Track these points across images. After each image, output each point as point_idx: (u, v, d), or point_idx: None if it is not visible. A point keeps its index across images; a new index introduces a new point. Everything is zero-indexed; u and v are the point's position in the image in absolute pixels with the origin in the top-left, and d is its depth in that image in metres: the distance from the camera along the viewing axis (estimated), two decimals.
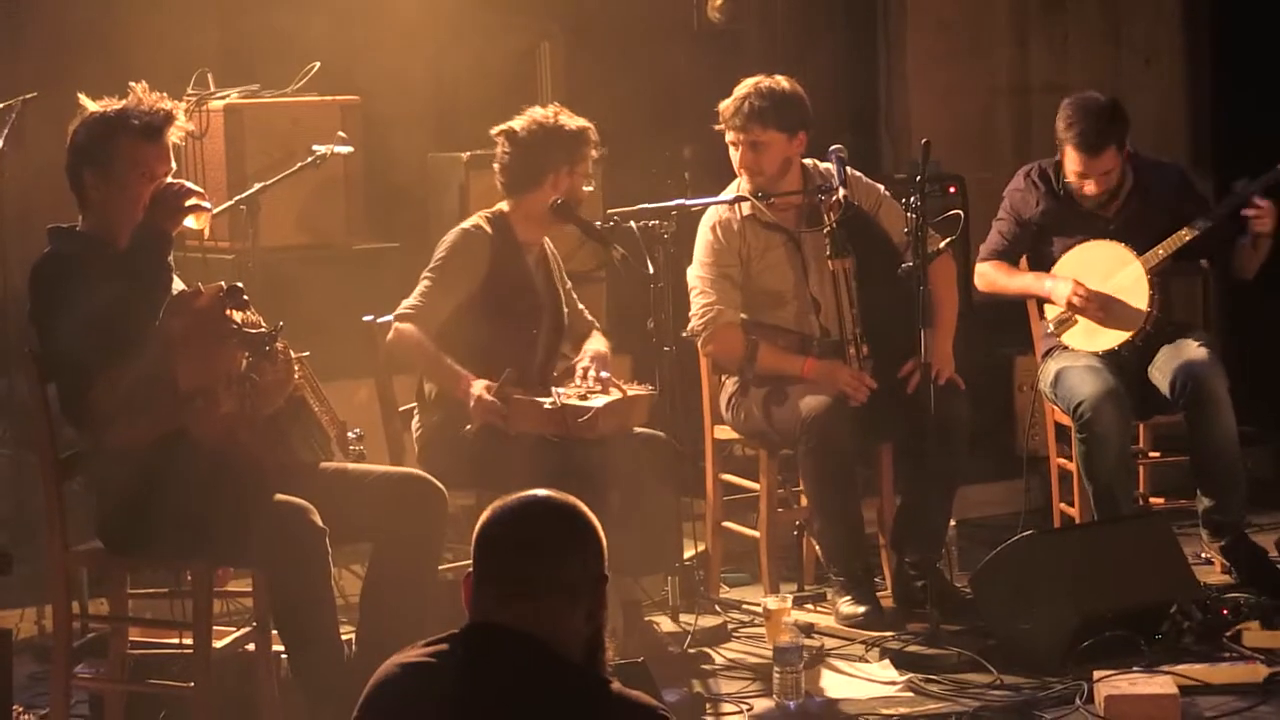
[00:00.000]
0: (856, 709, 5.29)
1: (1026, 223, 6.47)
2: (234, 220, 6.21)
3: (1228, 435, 6.15)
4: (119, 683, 5.02)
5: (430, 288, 5.70)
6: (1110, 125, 6.28)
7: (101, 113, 4.89)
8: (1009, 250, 6.51)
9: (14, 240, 6.36)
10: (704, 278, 6.17)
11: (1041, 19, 8.74)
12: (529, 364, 5.77)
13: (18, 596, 6.11)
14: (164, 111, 4.90)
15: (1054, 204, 6.42)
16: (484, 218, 5.84)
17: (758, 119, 6.06)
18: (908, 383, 5.99)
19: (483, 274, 5.73)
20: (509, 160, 5.83)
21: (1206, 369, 6.13)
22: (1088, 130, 6.24)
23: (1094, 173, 6.28)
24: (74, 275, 4.78)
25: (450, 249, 5.77)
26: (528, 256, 5.85)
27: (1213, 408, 6.12)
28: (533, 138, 5.80)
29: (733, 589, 6.54)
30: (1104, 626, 5.47)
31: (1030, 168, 6.51)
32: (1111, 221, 6.35)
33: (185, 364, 4.62)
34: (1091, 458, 6.15)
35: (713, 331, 6.14)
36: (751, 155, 6.10)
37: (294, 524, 4.72)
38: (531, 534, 2.94)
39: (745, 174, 6.14)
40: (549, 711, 2.86)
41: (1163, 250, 6.26)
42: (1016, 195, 6.50)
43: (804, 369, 6.06)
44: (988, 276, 6.53)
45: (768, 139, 6.08)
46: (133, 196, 4.86)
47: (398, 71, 7.16)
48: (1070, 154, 6.30)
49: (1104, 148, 6.26)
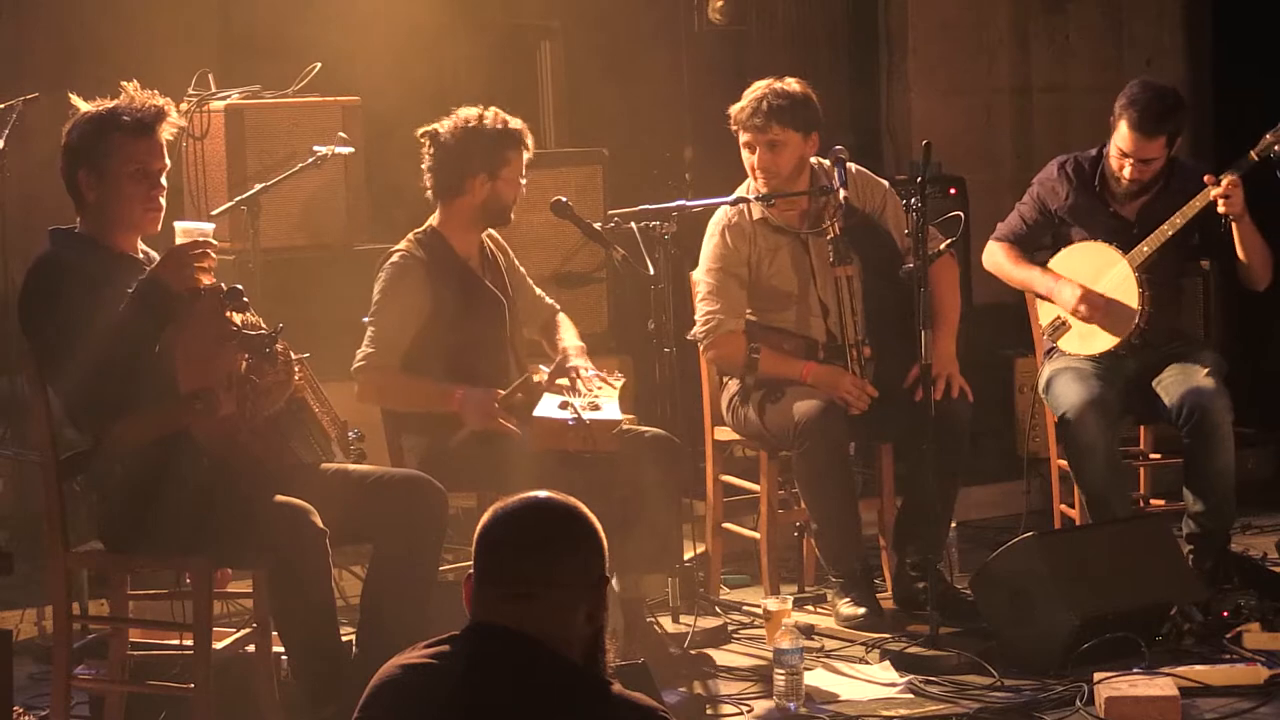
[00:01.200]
0: (857, 710, 5.29)
1: (1051, 214, 6.42)
2: (235, 221, 6.21)
3: (1226, 467, 6.11)
4: (119, 684, 5.01)
5: (376, 333, 5.65)
6: (1172, 112, 6.21)
7: (93, 112, 4.87)
8: (1026, 237, 6.47)
9: (16, 240, 6.36)
10: (709, 283, 6.17)
11: (1043, 20, 8.75)
12: (504, 363, 5.76)
13: (18, 597, 6.11)
14: (155, 108, 4.88)
15: (1082, 199, 6.36)
16: (413, 240, 5.74)
17: (775, 119, 6.06)
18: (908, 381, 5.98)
19: (426, 299, 5.66)
20: (433, 164, 5.75)
21: (1213, 400, 6.06)
22: (1149, 110, 6.16)
23: (1139, 156, 6.20)
24: (64, 280, 4.76)
25: (383, 290, 5.69)
26: (470, 263, 5.79)
27: (1215, 440, 6.08)
28: (454, 140, 5.70)
29: (733, 590, 6.54)
30: (1104, 628, 5.46)
31: (1065, 159, 6.44)
32: (1135, 224, 6.31)
33: (185, 366, 4.62)
34: (1079, 467, 6.15)
35: (714, 340, 6.15)
36: (769, 156, 6.09)
37: (295, 525, 4.71)
38: (532, 535, 2.94)
39: (761, 175, 6.12)
40: (550, 712, 2.85)
41: (1147, 247, 6.24)
42: (1047, 185, 6.44)
43: (804, 373, 6.06)
44: (995, 258, 6.50)
45: (785, 139, 6.07)
46: (128, 194, 4.85)
47: (398, 72, 7.16)
48: (1123, 130, 6.20)
49: (1159, 133, 6.18)
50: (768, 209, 6.13)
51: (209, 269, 4.76)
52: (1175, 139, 6.27)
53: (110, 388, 4.69)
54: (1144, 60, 8.84)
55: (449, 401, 5.58)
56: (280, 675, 5.00)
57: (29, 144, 6.29)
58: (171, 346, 4.64)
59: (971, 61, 8.65)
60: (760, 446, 6.27)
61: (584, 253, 6.95)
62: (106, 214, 4.87)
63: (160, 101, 4.91)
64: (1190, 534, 6.15)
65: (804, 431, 5.92)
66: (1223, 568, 6.13)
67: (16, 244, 6.31)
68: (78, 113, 4.90)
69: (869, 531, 6.32)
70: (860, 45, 8.66)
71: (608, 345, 6.96)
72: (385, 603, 4.96)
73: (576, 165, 7.13)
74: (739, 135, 6.14)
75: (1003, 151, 8.64)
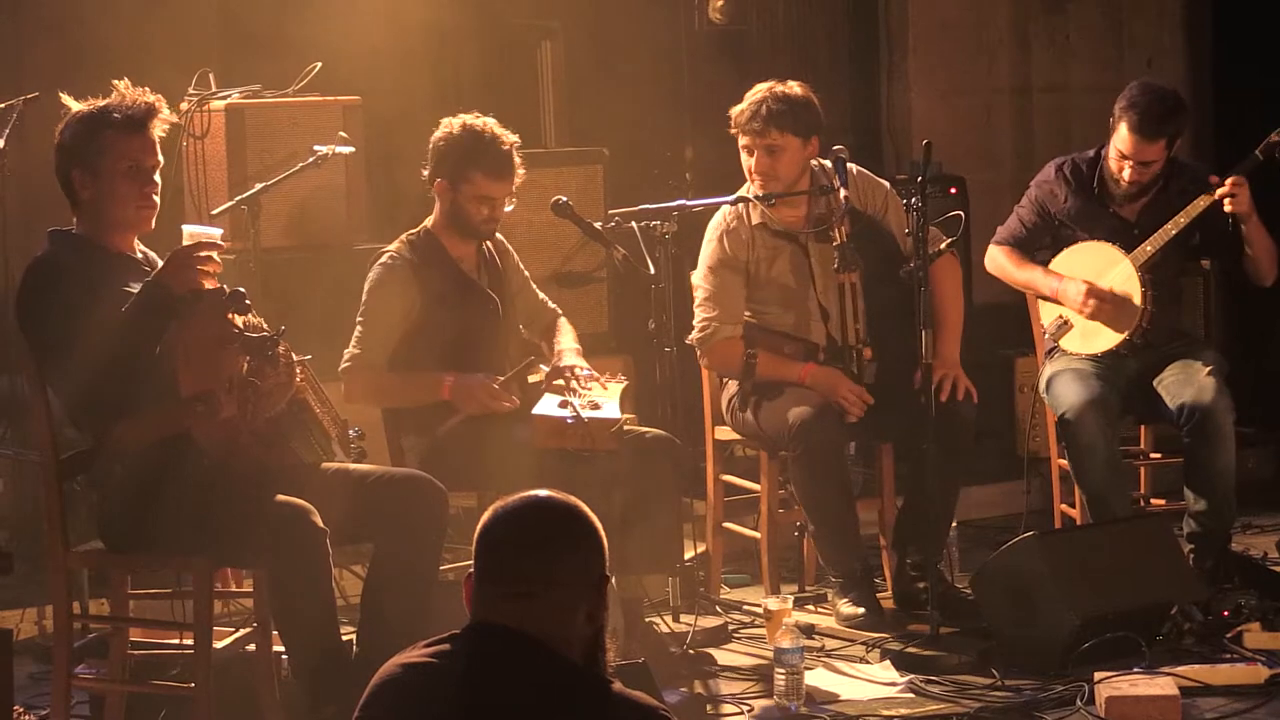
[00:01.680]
0: (857, 710, 5.29)
1: (1050, 216, 6.41)
2: (235, 220, 6.20)
3: (1227, 467, 6.11)
4: (119, 683, 5.01)
5: (364, 333, 5.67)
6: (1172, 115, 6.20)
7: (84, 111, 4.87)
8: (1026, 240, 6.46)
9: (16, 239, 6.36)
10: (706, 288, 6.16)
11: (1043, 20, 8.74)
12: (498, 363, 5.76)
13: (18, 596, 6.11)
14: (146, 104, 4.88)
15: (1081, 201, 6.35)
16: (404, 241, 5.76)
17: (775, 123, 6.03)
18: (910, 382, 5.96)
19: (414, 300, 5.68)
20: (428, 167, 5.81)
21: (1214, 400, 6.06)
22: (1150, 114, 6.16)
23: (1139, 158, 6.19)
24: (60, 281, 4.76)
25: (369, 291, 5.72)
26: (462, 264, 5.80)
27: (1216, 441, 6.07)
28: (434, 146, 5.74)
29: (733, 590, 6.54)
30: (1105, 628, 5.46)
31: (1063, 161, 6.43)
32: (1135, 226, 6.32)
33: (186, 368, 4.62)
34: (1079, 467, 6.14)
35: (710, 346, 6.14)
36: (767, 160, 6.07)
37: (295, 524, 4.71)
38: (533, 534, 2.94)
39: (759, 179, 6.09)
40: (550, 712, 2.85)
41: (1150, 246, 6.24)
42: (1045, 187, 6.43)
43: (802, 374, 6.06)
44: (997, 261, 6.50)
45: (784, 143, 6.05)
46: (121, 192, 4.84)
47: (399, 72, 7.16)
48: (1123, 133, 6.19)
49: (1160, 136, 6.17)
50: (767, 211, 6.12)
51: (213, 273, 4.75)
52: (1175, 141, 6.26)
53: (111, 389, 4.69)
54: (1144, 60, 8.84)
55: (439, 390, 5.59)
56: (280, 675, 5.00)
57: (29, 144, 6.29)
58: (173, 348, 4.64)
59: (971, 61, 8.65)
60: (760, 446, 6.27)
61: (584, 252, 6.95)
62: (101, 212, 4.87)
63: (151, 98, 4.90)
64: (1191, 533, 6.15)
65: (799, 434, 5.91)
66: (1224, 567, 6.13)
67: (17, 244, 6.31)
68: (70, 112, 4.90)
69: (869, 531, 6.32)
70: (860, 45, 8.65)
71: (608, 345, 6.96)
72: (386, 602, 4.96)
73: (577, 165, 7.13)
74: (738, 138, 6.13)
75: (1003, 151, 8.64)
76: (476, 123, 5.74)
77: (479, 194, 5.69)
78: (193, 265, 4.70)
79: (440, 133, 5.75)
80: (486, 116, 5.78)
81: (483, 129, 5.72)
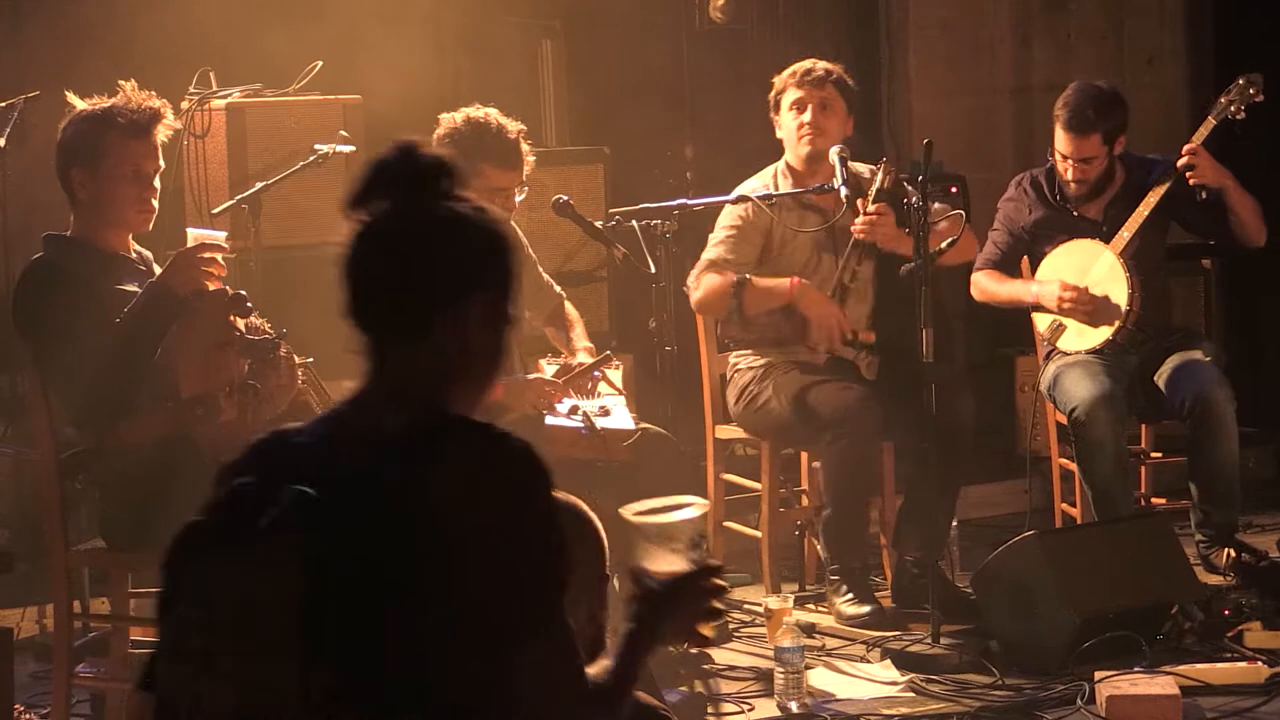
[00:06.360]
0: (858, 709, 5.29)
1: (1020, 232, 6.48)
2: (236, 219, 6.20)
3: (1230, 456, 6.13)
4: (120, 682, 5.01)
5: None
6: (1104, 110, 6.27)
7: (89, 111, 4.87)
8: (1003, 260, 6.52)
9: (16, 239, 6.36)
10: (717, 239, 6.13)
11: (1044, 18, 8.75)
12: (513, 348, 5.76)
13: (19, 595, 6.11)
14: (151, 109, 4.88)
15: (1046, 211, 6.43)
16: None
17: (832, 82, 6.12)
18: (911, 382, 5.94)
19: None
20: None
21: (1214, 389, 6.09)
22: (1078, 111, 6.26)
23: (1076, 156, 6.27)
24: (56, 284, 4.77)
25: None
26: None
27: (1218, 429, 6.10)
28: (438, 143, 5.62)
29: (734, 589, 6.54)
30: (1105, 627, 5.46)
31: (1022, 176, 6.54)
32: (1103, 224, 6.35)
33: (187, 371, 4.62)
34: (1088, 462, 6.15)
35: (702, 275, 6.10)
36: (821, 114, 6.10)
37: None
38: None
39: (809, 132, 6.09)
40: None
41: (1127, 232, 6.27)
42: (1010, 205, 6.52)
43: (791, 286, 6.00)
44: (980, 286, 6.55)
45: (836, 105, 6.13)
46: (121, 195, 4.85)
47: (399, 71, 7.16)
48: (1058, 132, 6.31)
49: (1090, 132, 6.25)
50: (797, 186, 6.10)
51: (217, 275, 4.76)
52: (1114, 137, 6.31)
53: (112, 389, 4.69)
54: (1144, 60, 8.85)
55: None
56: None
57: (29, 144, 6.30)
58: (173, 349, 4.64)
59: (972, 61, 8.65)
60: (766, 437, 6.22)
61: (585, 251, 6.95)
62: (99, 212, 4.87)
63: (156, 103, 4.91)
64: (1199, 523, 6.17)
65: (844, 421, 5.86)
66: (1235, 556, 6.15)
67: (17, 244, 6.32)
68: (74, 111, 4.90)
69: (870, 530, 6.31)
70: (860, 45, 8.66)
71: (609, 344, 6.96)
72: None
73: (578, 164, 7.13)
74: (784, 97, 6.13)
75: (1003, 151, 8.64)
76: (479, 114, 5.70)
77: (490, 186, 5.55)
78: (197, 267, 4.70)
79: (443, 129, 5.70)
80: (488, 107, 5.75)
81: (486, 120, 5.67)
